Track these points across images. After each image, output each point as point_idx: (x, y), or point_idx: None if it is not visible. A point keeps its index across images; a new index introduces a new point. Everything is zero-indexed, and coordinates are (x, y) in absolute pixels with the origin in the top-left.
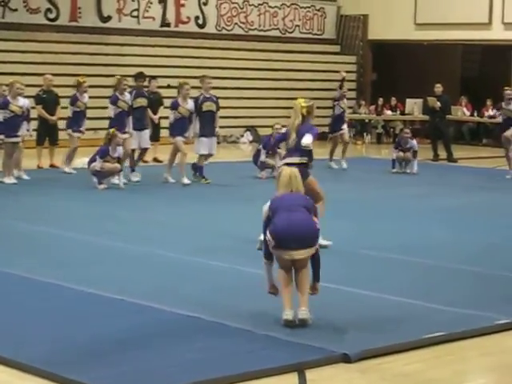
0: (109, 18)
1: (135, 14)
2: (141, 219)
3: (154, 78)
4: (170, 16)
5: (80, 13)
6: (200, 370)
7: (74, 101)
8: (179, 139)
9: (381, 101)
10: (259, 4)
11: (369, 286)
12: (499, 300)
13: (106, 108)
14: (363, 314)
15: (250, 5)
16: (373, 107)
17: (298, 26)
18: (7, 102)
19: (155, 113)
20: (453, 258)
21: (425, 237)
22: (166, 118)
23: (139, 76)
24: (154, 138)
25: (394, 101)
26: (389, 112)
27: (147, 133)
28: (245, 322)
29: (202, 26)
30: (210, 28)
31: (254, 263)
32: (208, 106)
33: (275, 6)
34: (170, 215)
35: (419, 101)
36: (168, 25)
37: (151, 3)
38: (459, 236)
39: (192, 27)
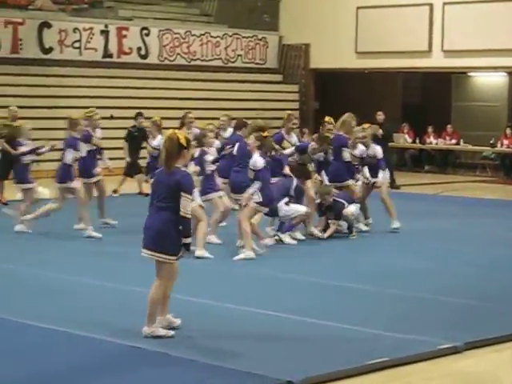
0: (50, 50)
1: (77, 45)
2: (57, 246)
3: (140, 113)
4: (113, 47)
5: (21, 44)
6: None
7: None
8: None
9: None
10: (201, 34)
11: (307, 312)
12: (441, 325)
13: (50, 140)
14: (305, 340)
15: (192, 35)
16: (316, 136)
17: (241, 55)
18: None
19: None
20: (392, 284)
21: (364, 263)
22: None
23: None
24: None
25: None
26: None
27: None
28: (188, 351)
29: (144, 57)
30: (153, 58)
31: (192, 291)
32: None
33: (217, 36)
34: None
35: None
36: (110, 56)
37: (93, 34)
38: (398, 261)
39: (134, 58)
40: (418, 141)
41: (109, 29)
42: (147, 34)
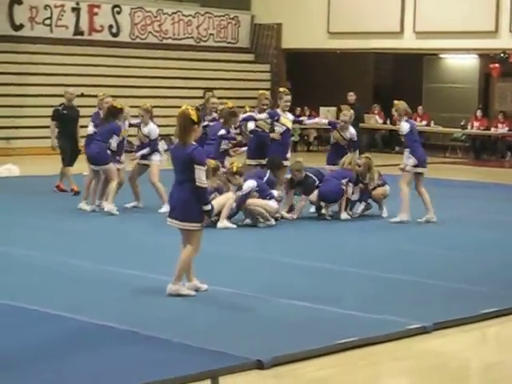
0: (21, 27)
1: (48, 22)
2: (51, 228)
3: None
4: (84, 24)
5: None
6: (113, 379)
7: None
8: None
9: (298, 110)
10: (173, 13)
11: (281, 292)
12: (410, 305)
13: (20, 117)
14: (276, 320)
15: (163, 13)
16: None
17: (212, 34)
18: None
19: None
20: (363, 264)
21: (335, 243)
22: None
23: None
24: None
25: (307, 110)
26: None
27: None
28: (158, 330)
29: (115, 35)
30: (124, 37)
31: (165, 271)
32: None
33: (189, 15)
34: (82, 223)
35: (333, 109)
36: (81, 33)
37: (64, 11)
38: (368, 242)
39: (105, 36)
40: (388, 122)
41: (80, 6)
42: (119, 12)
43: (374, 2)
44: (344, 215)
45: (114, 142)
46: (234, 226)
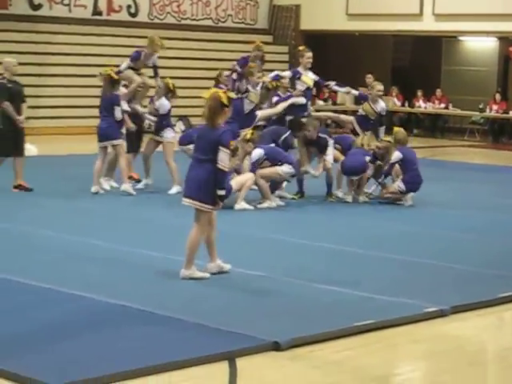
0: (40, 6)
1: (66, 2)
2: (68, 208)
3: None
4: (102, 4)
5: (11, 0)
6: (130, 358)
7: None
8: None
9: (314, 91)
10: None
11: (298, 274)
12: (427, 288)
13: (38, 97)
14: (293, 302)
15: None
16: None
17: (231, 15)
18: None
19: None
20: (380, 247)
21: (352, 226)
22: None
23: None
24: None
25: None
26: (321, 102)
27: None
28: (175, 310)
29: (134, 15)
30: (142, 17)
31: (182, 252)
32: None
33: None
34: (98, 203)
35: None
36: (100, 13)
37: None
38: (385, 225)
39: (124, 16)
40: (406, 104)
41: None
42: None
43: None
44: (362, 198)
45: (117, 113)
46: (252, 208)
